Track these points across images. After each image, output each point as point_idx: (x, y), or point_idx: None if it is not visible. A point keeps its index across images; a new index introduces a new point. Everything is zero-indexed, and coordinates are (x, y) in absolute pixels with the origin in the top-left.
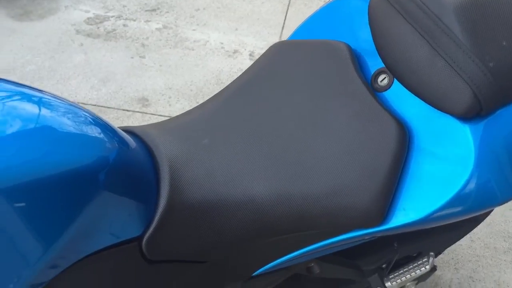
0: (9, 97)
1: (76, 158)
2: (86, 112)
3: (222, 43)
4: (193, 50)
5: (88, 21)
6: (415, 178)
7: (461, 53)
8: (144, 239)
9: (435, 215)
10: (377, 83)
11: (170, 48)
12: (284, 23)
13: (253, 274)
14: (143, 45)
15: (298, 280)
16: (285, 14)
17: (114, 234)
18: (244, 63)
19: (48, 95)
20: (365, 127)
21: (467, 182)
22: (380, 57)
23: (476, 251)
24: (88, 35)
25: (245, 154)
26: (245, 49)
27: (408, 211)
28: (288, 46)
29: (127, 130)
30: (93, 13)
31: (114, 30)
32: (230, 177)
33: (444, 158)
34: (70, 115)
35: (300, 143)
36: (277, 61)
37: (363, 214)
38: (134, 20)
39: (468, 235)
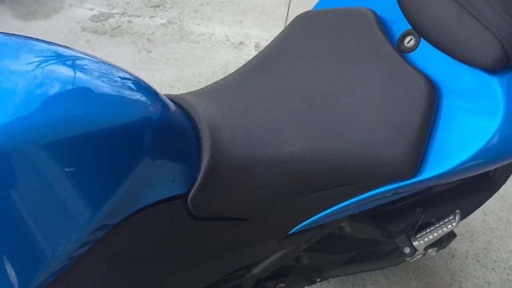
0: (60, 57)
1: (123, 115)
2: (130, 74)
3: (227, 36)
4: (199, 43)
5: (93, 18)
6: (446, 130)
7: (488, 8)
8: (190, 196)
9: (466, 165)
10: (404, 45)
11: (176, 42)
12: (287, 14)
13: (289, 232)
14: (149, 40)
15: (329, 242)
16: (288, 6)
17: (160, 190)
18: (250, 54)
19: (91, 57)
20: (395, 85)
21: (496, 132)
22: (406, 17)
23: (489, 224)
24: (94, 32)
25: (280, 113)
26: (251, 41)
27: (440, 163)
28: (314, 15)
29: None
30: (98, 11)
31: (120, 26)
32: (267, 135)
33: (473, 110)
34: (116, 76)
35: (332, 102)
36: (303, 30)
37: (396, 167)
38: (139, 16)
39: (481, 209)
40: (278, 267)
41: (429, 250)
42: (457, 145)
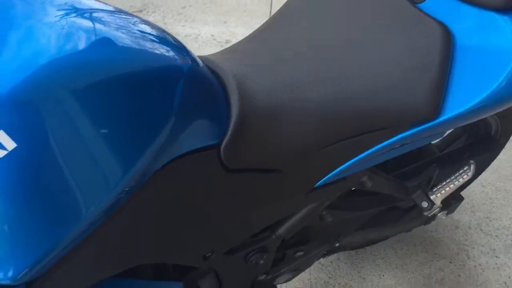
0: (89, 7)
1: (156, 63)
2: (160, 28)
3: (213, 35)
4: (185, 43)
5: None
6: (463, 72)
7: None
8: (222, 146)
9: (484, 103)
10: None
11: None
12: (270, 12)
13: (315, 185)
14: None
15: (351, 200)
16: (270, 4)
17: (193, 140)
18: None
19: (121, 10)
20: (410, 32)
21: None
22: None
23: (488, 194)
24: None
25: (302, 63)
26: (237, 39)
27: (460, 103)
28: None
29: None
30: None
31: None
32: (292, 85)
33: (488, 50)
34: (147, 28)
35: (351, 52)
36: None
37: (418, 110)
38: None
39: (478, 181)
40: (299, 230)
41: (439, 214)
42: (474, 84)
